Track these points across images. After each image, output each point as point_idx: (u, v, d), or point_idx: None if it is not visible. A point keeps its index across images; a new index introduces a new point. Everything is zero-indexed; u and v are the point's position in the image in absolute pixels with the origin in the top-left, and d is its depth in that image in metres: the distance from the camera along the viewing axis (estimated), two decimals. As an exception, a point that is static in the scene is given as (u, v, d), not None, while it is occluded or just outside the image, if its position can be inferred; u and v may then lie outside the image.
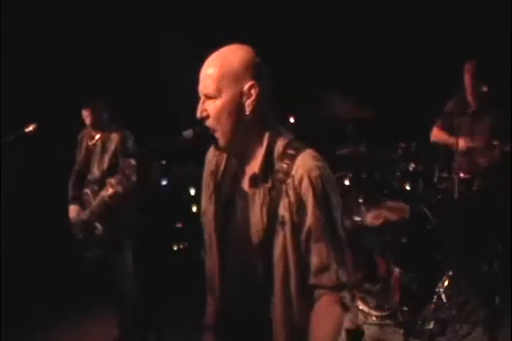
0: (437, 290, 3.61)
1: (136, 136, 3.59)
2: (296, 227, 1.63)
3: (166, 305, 3.52)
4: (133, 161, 3.35)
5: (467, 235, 3.67)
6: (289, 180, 1.62)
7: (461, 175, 3.76)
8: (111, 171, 3.54)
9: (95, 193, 3.55)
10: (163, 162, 3.35)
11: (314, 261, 1.63)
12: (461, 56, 4.09)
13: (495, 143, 3.84)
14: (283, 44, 5.19)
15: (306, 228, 1.62)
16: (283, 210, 1.63)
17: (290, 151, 1.66)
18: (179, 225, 5.13)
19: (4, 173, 3.12)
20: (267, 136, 1.69)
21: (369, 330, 3.75)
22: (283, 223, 1.62)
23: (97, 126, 3.69)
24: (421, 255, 3.82)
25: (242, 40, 1.72)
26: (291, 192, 1.62)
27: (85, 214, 3.56)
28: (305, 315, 1.66)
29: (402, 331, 3.60)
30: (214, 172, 1.81)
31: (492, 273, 3.66)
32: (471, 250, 3.69)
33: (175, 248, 5.09)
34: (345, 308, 1.65)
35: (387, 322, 3.76)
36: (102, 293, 3.73)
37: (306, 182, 1.61)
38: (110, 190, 3.41)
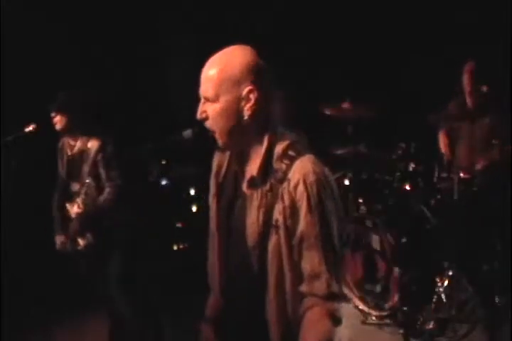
0: (437, 290, 3.61)
1: (136, 136, 3.51)
2: (290, 232, 1.61)
3: (166, 305, 3.51)
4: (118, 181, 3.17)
5: (467, 235, 3.67)
6: (285, 184, 1.61)
7: (461, 175, 3.76)
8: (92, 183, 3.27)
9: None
10: (163, 162, 3.33)
11: (305, 268, 1.61)
12: (461, 56, 4.09)
13: (495, 143, 3.84)
14: (283, 44, 5.19)
15: (298, 234, 1.60)
16: (277, 214, 1.61)
17: (291, 152, 1.64)
18: (179, 225, 5.12)
19: (4, 173, 3.12)
20: (266, 138, 1.67)
21: (369, 330, 3.76)
22: (277, 227, 1.61)
23: (73, 132, 3.30)
24: (421, 255, 3.82)
25: (242, 40, 1.72)
26: (286, 197, 1.60)
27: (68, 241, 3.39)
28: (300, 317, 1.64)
29: (402, 331, 3.60)
30: (217, 173, 1.83)
31: (492, 273, 3.66)
32: (471, 250, 3.68)
33: (175, 248, 5.09)
34: (336, 322, 1.61)
35: (387, 322, 3.77)
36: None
37: (301, 188, 1.59)
38: (76, 210, 3.26)
